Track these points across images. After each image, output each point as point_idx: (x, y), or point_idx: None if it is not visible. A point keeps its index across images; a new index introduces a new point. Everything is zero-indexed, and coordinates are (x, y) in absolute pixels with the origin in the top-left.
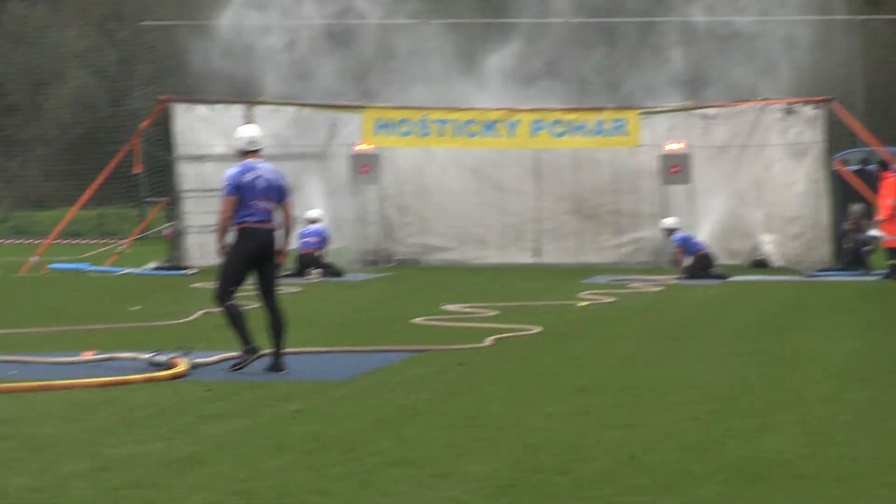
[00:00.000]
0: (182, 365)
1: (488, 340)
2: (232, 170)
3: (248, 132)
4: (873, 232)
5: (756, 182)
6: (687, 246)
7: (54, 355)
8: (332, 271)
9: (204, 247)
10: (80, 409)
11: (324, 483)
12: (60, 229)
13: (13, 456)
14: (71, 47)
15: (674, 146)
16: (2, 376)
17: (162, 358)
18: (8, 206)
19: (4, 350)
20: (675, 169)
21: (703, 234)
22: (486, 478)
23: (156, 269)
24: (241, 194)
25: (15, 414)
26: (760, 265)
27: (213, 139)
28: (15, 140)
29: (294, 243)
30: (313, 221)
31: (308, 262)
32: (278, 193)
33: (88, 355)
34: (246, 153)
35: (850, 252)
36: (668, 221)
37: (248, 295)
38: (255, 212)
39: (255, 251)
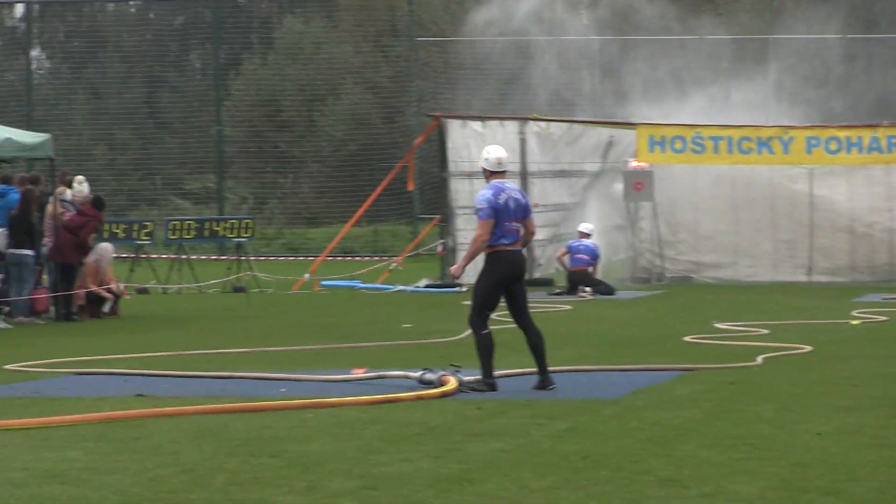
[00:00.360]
0: (451, 383)
1: (759, 359)
2: (485, 192)
3: (497, 153)
4: None
5: None
6: None
7: (324, 373)
8: (602, 289)
9: (476, 264)
10: (348, 427)
11: (591, 502)
12: (333, 246)
13: (281, 474)
14: (346, 63)
15: None
16: (272, 394)
17: (432, 376)
18: (281, 222)
19: (276, 367)
20: None
21: None
22: (755, 498)
23: (427, 286)
24: (496, 217)
25: (284, 432)
26: None
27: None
28: (289, 156)
29: (565, 261)
30: (585, 235)
31: (579, 279)
32: (524, 212)
33: (358, 373)
34: (492, 174)
35: None
36: None
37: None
38: (507, 233)
39: (510, 274)
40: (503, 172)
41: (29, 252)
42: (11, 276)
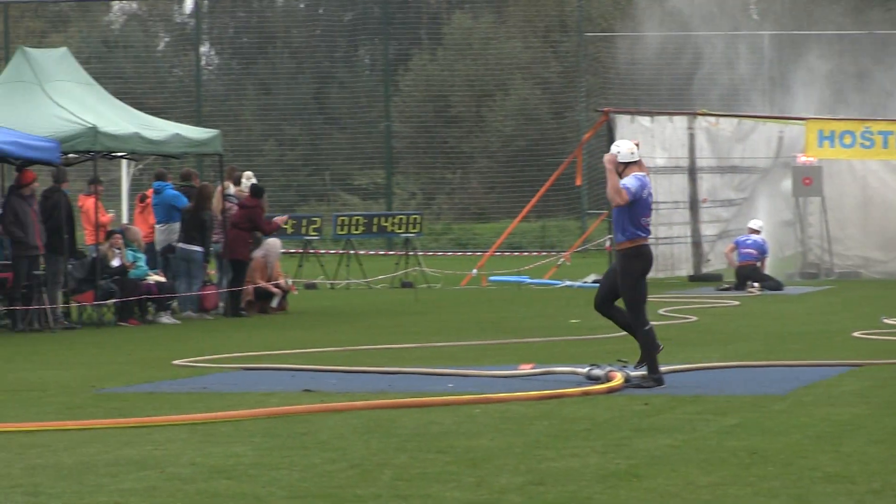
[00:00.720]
0: (618, 379)
1: None
2: (634, 182)
3: (626, 145)
4: None
5: None
6: None
7: (492, 368)
8: (770, 284)
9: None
10: (516, 423)
11: (758, 499)
12: (501, 241)
13: (449, 469)
14: (515, 59)
15: None
16: (439, 389)
17: (599, 371)
18: (449, 218)
19: (443, 362)
20: None
21: None
22: None
23: (595, 281)
24: (638, 209)
25: (452, 427)
26: None
27: (653, 151)
28: (457, 152)
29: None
30: (755, 231)
31: (747, 274)
32: (650, 209)
33: (526, 368)
34: (628, 165)
35: None
36: None
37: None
38: (644, 228)
39: (648, 269)
40: (638, 163)
41: (198, 248)
42: (180, 272)
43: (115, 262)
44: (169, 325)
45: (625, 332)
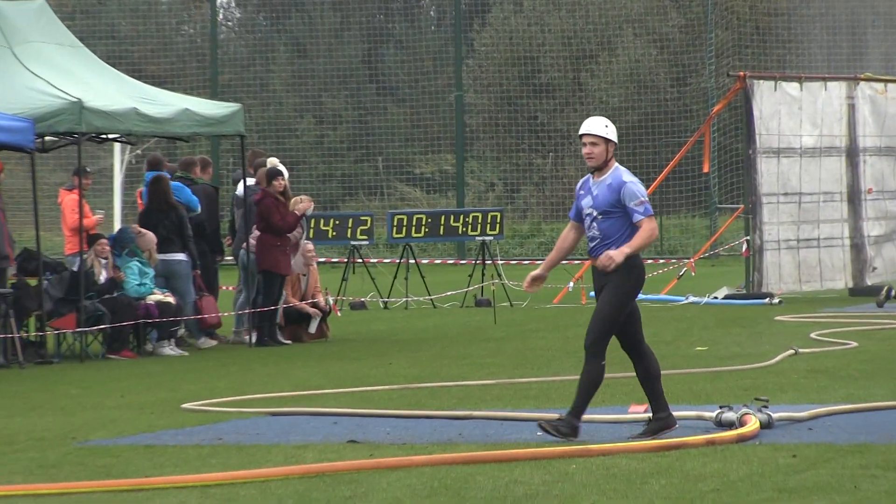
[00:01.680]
0: (754, 423)
1: None
2: (639, 185)
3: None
4: None
5: None
6: None
7: (591, 411)
8: None
9: (784, 268)
10: (624, 482)
11: None
12: None
13: None
14: (624, 10)
15: None
16: (524, 438)
17: (731, 415)
18: (538, 215)
19: (528, 404)
20: None
21: None
22: None
23: (728, 297)
24: None
25: (541, 488)
26: None
27: (800, 127)
28: (549, 130)
29: None
30: None
31: None
32: None
33: (638, 411)
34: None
35: None
36: None
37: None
38: None
39: (642, 285)
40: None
41: (181, 257)
42: (174, 290)
43: (103, 277)
44: (174, 358)
45: (757, 364)
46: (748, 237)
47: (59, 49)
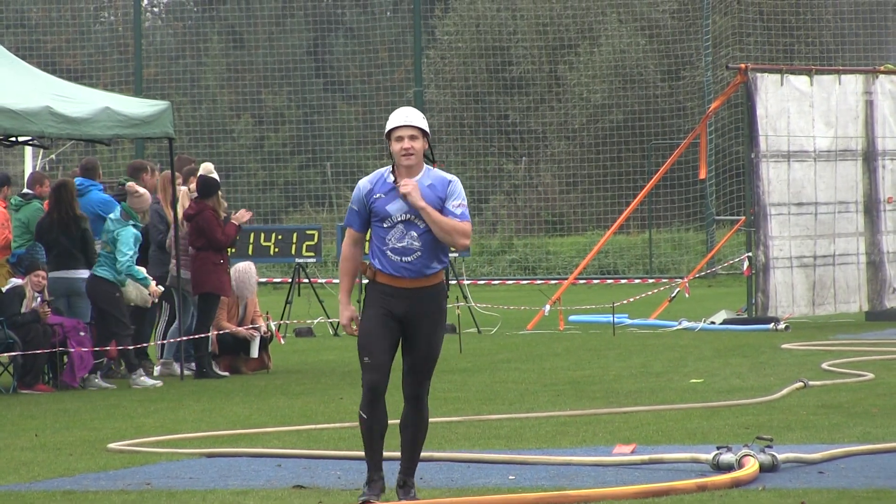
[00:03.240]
0: (752, 466)
1: None
2: (463, 193)
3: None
4: None
5: None
6: None
7: (572, 452)
8: None
9: (796, 289)
10: None
11: None
12: (587, 263)
13: None
14: None
15: None
16: (496, 482)
17: (730, 456)
18: (510, 229)
19: (499, 444)
20: None
21: None
22: None
23: (727, 322)
24: None
25: None
26: None
27: (811, 127)
28: (522, 131)
29: None
30: None
31: None
32: None
33: (624, 451)
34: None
35: None
36: None
37: None
38: None
39: None
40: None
41: (83, 274)
42: (62, 310)
43: (30, 306)
44: (94, 392)
45: (761, 399)
46: (750, 253)
47: None
